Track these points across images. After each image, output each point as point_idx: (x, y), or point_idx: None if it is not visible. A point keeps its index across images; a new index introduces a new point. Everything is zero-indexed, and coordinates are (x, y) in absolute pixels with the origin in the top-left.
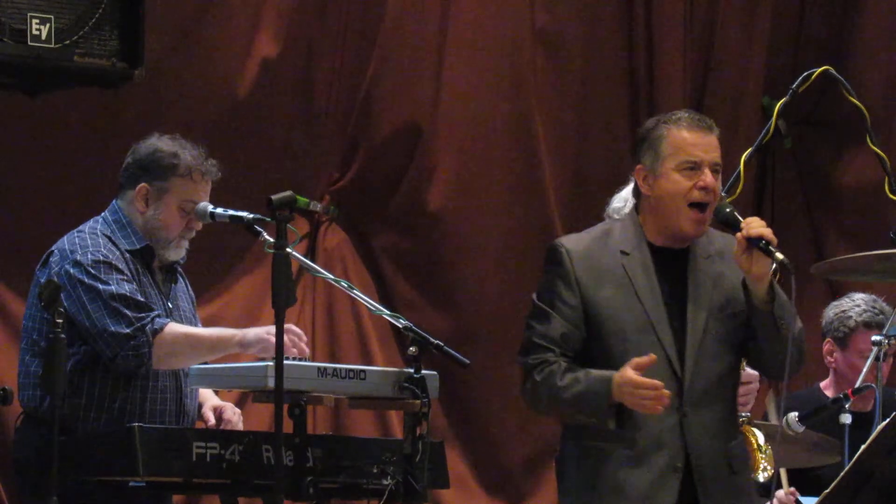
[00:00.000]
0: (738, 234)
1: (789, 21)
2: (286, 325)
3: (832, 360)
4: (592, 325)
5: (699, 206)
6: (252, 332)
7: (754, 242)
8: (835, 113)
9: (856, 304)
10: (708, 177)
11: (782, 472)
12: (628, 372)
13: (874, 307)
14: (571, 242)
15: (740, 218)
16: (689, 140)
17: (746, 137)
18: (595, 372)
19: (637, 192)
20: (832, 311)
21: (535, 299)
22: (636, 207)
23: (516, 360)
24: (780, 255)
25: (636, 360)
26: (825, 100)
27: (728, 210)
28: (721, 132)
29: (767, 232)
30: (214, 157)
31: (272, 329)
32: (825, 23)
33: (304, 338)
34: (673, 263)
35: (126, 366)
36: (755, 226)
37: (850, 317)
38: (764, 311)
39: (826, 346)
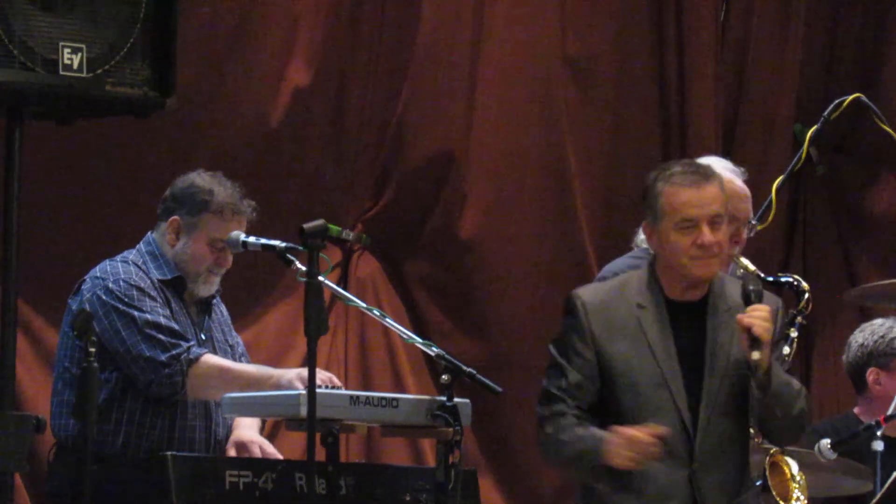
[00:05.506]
0: (738, 316)
1: (821, 49)
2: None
3: (880, 387)
4: (606, 378)
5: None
6: (287, 376)
7: (746, 330)
8: (866, 140)
9: (889, 327)
10: (706, 234)
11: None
12: (622, 429)
13: None
14: (588, 294)
15: (753, 303)
16: (682, 198)
17: (778, 165)
18: (596, 431)
19: None
20: (869, 339)
21: (553, 350)
22: (653, 260)
23: (535, 410)
24: (755, 355)
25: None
26: (857, 127)
27: (751, 288)
28: (752, 160)
29: (759, 328)
30: (246, 186)
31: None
32: (857, 50)
33: (338, 384)
34: (690, 318)
35: (160, 393)
36: (754, 317)
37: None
38: (758, 395)
39: (871, 377)
